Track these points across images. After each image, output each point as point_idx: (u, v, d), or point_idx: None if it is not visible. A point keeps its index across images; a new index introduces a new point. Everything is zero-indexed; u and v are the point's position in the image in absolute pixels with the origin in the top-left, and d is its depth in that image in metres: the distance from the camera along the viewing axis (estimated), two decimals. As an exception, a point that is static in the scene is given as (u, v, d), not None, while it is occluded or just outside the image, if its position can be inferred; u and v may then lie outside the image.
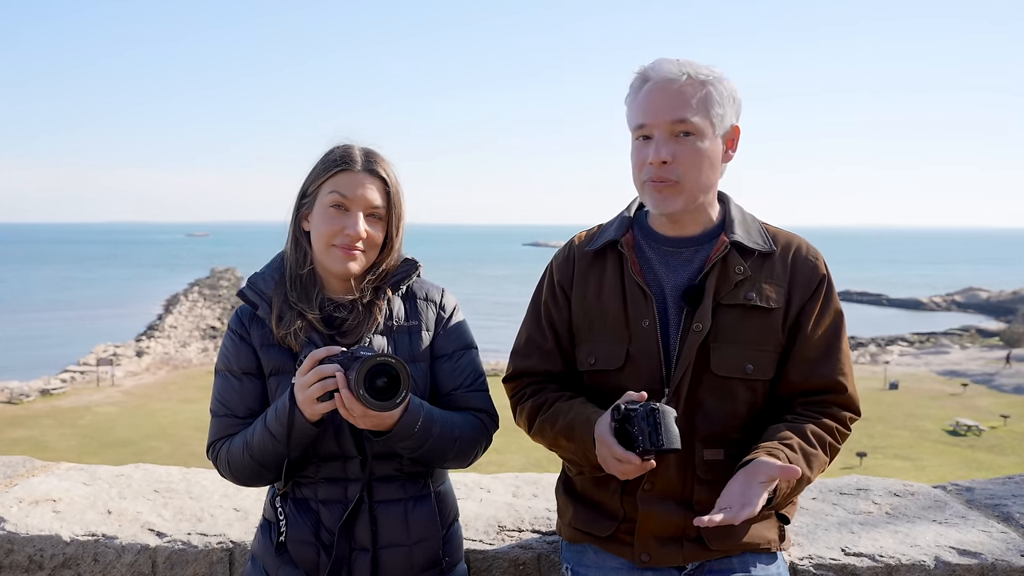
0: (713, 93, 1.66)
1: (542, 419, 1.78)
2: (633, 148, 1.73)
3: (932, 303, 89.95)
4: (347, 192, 1.71)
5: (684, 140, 1.66)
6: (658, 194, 1.70)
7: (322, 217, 1.72)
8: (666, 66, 1.67)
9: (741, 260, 1.72)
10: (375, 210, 1.74)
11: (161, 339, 60.33)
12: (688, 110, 1.64)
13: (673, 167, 1.66)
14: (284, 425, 1.61)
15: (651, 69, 1.69)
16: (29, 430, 33.03)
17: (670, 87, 1.65)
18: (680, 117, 1.64)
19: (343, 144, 1.76)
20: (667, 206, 1.70)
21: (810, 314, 1.72)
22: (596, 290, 1.79)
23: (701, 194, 1.71)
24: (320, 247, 1.73)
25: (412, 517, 1.73)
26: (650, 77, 1.68)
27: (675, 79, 1.65)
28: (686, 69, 1.66)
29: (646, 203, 1.76)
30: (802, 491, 1.71)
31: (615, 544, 1.75)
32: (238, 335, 1.77)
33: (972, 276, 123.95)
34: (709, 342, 1.68)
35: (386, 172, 1.75)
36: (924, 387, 44.24)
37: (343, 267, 1.72)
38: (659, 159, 1.65)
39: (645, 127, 1.68)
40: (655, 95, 1.66)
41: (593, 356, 1.77)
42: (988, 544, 2.08)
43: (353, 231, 1.70)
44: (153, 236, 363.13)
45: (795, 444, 1.63)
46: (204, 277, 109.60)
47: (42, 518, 2.23)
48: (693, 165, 1.67)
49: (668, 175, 1.67)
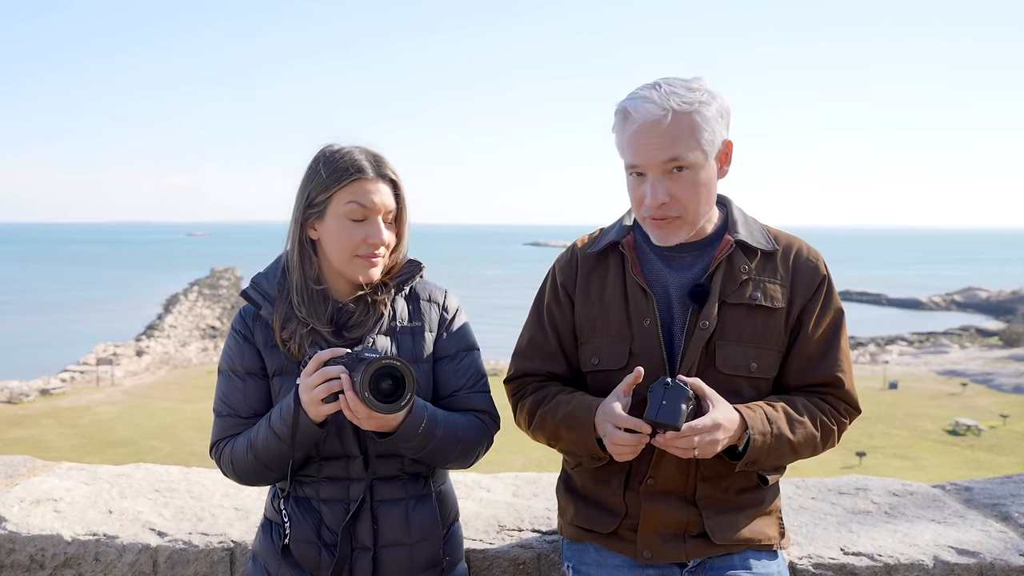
0: (699, 121, 1.62)
1: (543, 411, 1.78)
2: (629, 183, 1.73)
3: (932, 303, 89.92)
4: (365, 202, 1.70)
5: (679, 175, 1.65)
6: (660, 230, 1.71)
7: (340, 228, 1.71)
8: (647, 106, 1.61)
9: (746, 259, 1.74)
10: (390, 214, 1.75)
11: (161, 339, 60.30)
12: (679, 147, 1.62)
13: (672, 205, 1.67)
14: (288, 426, 1.61)
15: (632, 108, 1.64)
16: (29, 430, 33.00)
17: (656, 129, 1.61)
18: (671, 156, 1.62)
19: (342, 149, 1.73)
20: (670, 240, 1.73)
21: (811, 313, 1.74)
22: (599, 291, 1.80)
23: (702, 219, 1.74)
24: (342, 258, 1.72)
25: (413, 516, 1.74)
26: (632, 117, 1.64)
27: (660, 119, 1.61)
28: (669, 103, 1.60)
29: (649, 235, 1.76)
30: (786, 456, 1.69)
31: (617, 541, 1.76)
32: (241, 335, 1.77)
33: (972, 276, 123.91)
34: (715, 340, 1.70)
35: (395, 174, 1.75)
36: (923, 387, 44.22)
37: (367, 275, 1.73)
38: (656, 201, 1.66)
39: (638, 167, 1.67)
40: (642, 138, 1.63)
41: (596, 356, 1.78)
42: (987, 543, 2.09)
43: (377, 239, 1.70)
44: (153, 236, 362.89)
45: (778, 407, 1.68)
46: (204, 277, 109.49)
47: (43, 518, 2.24)
48: (691, 199, 1.68)
49: (668, 212, 1.68)
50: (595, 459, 1.74)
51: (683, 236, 1.72)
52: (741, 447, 1.64)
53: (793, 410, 1.68)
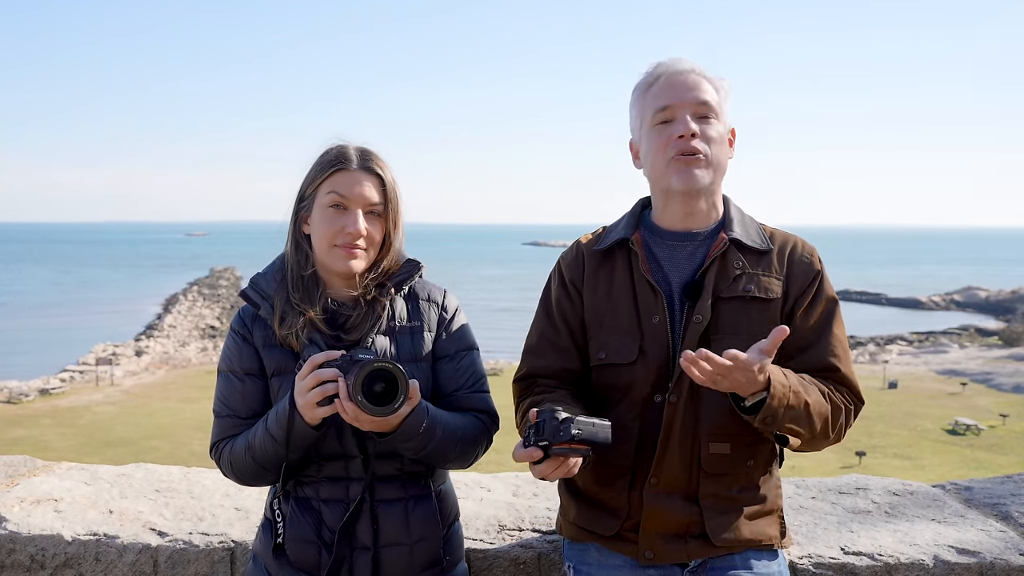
0: (722, 88, 1.78)
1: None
2: (653, 134, 1.76)
3: (931, 302, 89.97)
4: (344, 191, 1.71)
5: (706, 122, 1.74)
6: (687, 168, 1.73)
7: (322, 218, 1.73)
8: (677, 62, 1.77)
9: (740, 256, 1.76)
10: (373, 207, 1.74)
11: (160, 339, 60.34)
12: (708, 94, 1.75)
13: (700, 141, 1.73)
14: (284, 428, 1.62)
15: (661, 65, 1.79)
16: (28, 430, 33.03)
17: (687, 76, 1.75)
18: (702, 99, 1.74)
19: (337, 144, 1.77)
20: (695, 181, 1.73)
21: (803, 304, 1.76)
22: (606, 287, 1.81)
23: (720, 176, 1.79)
24: (322, 248, 1.74)
25: (413, 516, 1.74)
26: (662, 72, 1.77)
27: (689, 71, 1.76)
28: (695, 65, 1.77)
29: (671, 182, 1.74)
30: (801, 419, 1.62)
31: (618, 542, 1.76)
32: (240, 335, 1.77)
33: (971, 275, 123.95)
34: (710, 335, 1.71)
35: (382, 169, 1.76)
36: (923, 386, 44.26)
37: (346, 266, 1.72)
38: (689, 131, 1.71)
39: (668, 108, 1.74)
40: (675, 81, 1.75)
41: (604, 351, 1.78)
42: (987, 543, 2.09)
43: (353, 229, 1.71)
44: (152, 236, 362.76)
45: (789, 373, 1.64)
46: (203, 277, 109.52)
47: (44, 518, 2.24)
48: (716, 143, 1.75)
49: (697, 147, 1.72)
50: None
51: (707, 179, 1.74)
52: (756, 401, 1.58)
53: (804, 380, 1.66)
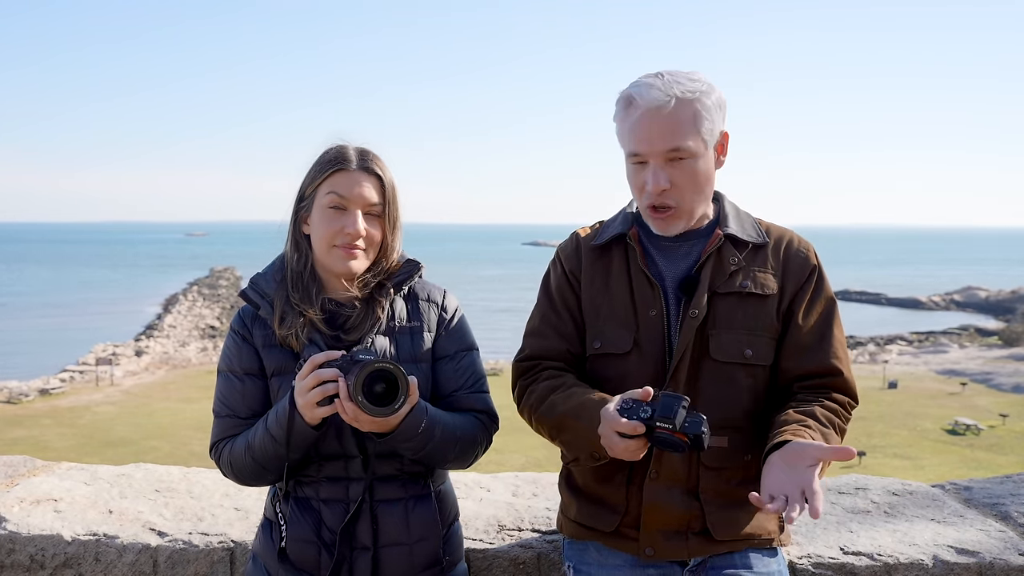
0: (701, 110, 1.68)
1: (556, 397, 1.74)
2: (630, 171, 1.77)
3: (931, 302, 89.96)
4: (344, 191, 1.71)
5: (679, 164, 1.69)
6: (661, 220, 1.76)
7: (321, 219, 1.73)
8: (652, 92, 1.66)
9: (735, 251, 1.77)
10: (372, 208, 1.74)
11: (160, 339, 60.30)
12: (680, 136, 1.66)
13: (671, 193, 1.71)
14: (284, 428, 1.62)
15: (637, 94, 1.68)
16: (28, 430, 33.01)
17: (660, 115, 1.66)
18: (674, 146, 1.67)
19: (337, 144, 1.77)
20: (668, 231, 1.78)
21: (802, 302, 1.77)
22: (603, 280, 1.82)
23: (699, 210, 1.78)
24: (322, 249, 1.74)
25: (413, 516, 1.74)
26: (636, 103, 1.68)
27: (663, 105, 1.65)
28: (672, 91, 1.65)
29: (649, 224, 1.80)
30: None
31: (619, 539, 1.76)
32: (240, 335, 1.77)
33: (971, 275, 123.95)
34: (707, 329, 1.72)
35: (381, 169, 1.76)
36: (923, 386, 44.25)
37: (345, 267, 1.73)
38: (658, 188, 1.70)
39: (639, 155, 1.71)
40: (645, 123, 1.67)
41: (599, 340, 1.79)
42: (986, 543, 2.09)
43: (353, 229, 1.71)
44: (151, 236, 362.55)
45: (813, 425, 1.62)
46: (203, 276, 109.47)
47: (43, 518, 2.24)
48: (690, 188, 1.72)
49: (667, 201, 1.72)
50: (594, 457, 1.71)
51: (681, 227, 1.77)
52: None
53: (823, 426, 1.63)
